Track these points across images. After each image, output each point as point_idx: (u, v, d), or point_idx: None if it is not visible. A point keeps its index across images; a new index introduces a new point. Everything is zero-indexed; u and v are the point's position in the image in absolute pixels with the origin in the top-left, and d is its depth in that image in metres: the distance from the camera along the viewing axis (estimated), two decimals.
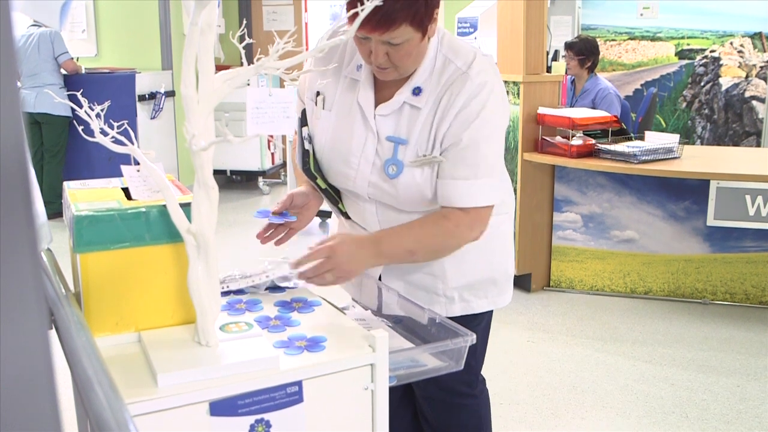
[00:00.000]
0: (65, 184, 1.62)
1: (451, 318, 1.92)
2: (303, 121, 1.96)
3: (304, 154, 1.93)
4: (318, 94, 1.93)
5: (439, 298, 1.97)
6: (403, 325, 1.77)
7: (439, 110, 1.77)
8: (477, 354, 2.11)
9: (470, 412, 2.14)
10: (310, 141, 1.93)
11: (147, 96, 6.92)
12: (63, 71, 6.54)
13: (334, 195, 1.97)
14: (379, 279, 2.00)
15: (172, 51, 7.30)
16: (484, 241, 1.93)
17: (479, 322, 2.04)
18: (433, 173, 1.80)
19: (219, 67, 1.33)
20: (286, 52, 1.36)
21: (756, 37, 7.44)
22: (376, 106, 1.84)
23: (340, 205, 1.99)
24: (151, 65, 7.28)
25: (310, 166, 1.92)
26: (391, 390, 1.59)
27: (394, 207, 1.89)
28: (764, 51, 7.43)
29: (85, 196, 1.50)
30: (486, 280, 2.00)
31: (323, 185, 1.94)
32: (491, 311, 2.08)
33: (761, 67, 7.45)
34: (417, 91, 1.80)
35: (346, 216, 2.01)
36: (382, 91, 1.85)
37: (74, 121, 6.25)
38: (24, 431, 0.50)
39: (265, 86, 7.26)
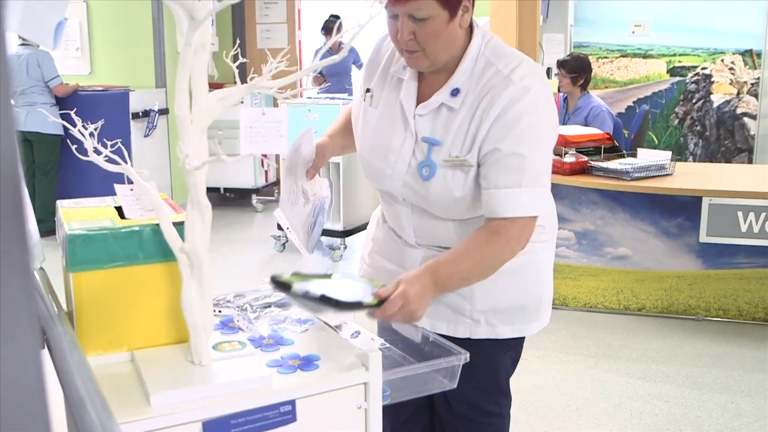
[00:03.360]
0: (58, 202, 1.62)
1: (475, 340, 1.92)
2: None
3: None
4: (368, 90, 1.95)
5: (464, 318, 1.93)
6: (396, 342, 1.77)
7: (478, 113, 1.75)
8: (507, 373, 2.09)
9: (495, 431, 2.11)
10: None
11: (140, 114, 6.92)
12: (57, 92, 6.53)
13: None
14: None
15: (166, 69, 7.31)
16: (518, 267, 1.90)
17: (509, 349, 2.02)
18: (466, 178, 1.78)
19: (212, 85, 1.34)
20: (279, 71, 1.37)
21: (747, 54, 7.49)
22: (417, 105, 1.85)
23: None
24: (145, 83, 7.29)
25: None
26: (405, 402, 1.59)
27: (428, 212, 1.88)
28: (755, 68, 7.48)
29: (78, 214, 1.50)
30: (515, 306, 1.95)
31: None
32: (523, 337, 2.03)
33: (752, 84, 7.49)
34: (455, 93, 1.79)
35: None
36: (424, 90, 1.85)
37: (67, 140, 6.25)
38: None
39: (259, 105, 7.28)
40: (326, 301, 1.49)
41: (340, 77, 7.81)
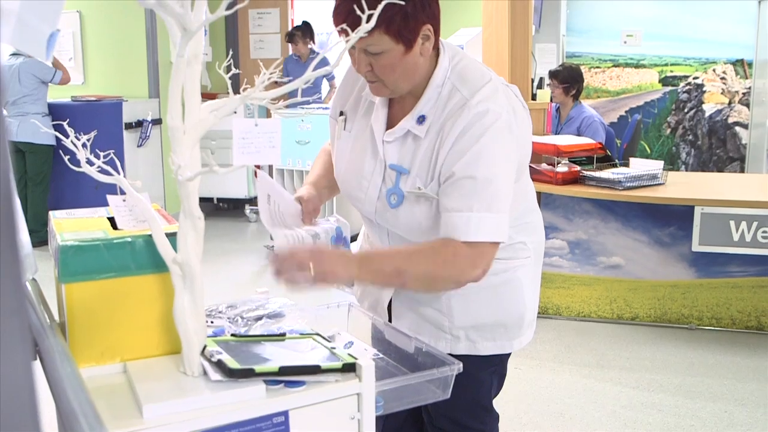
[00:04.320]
0: (51, 213, 1.62)
1: (455, 355, 1.89)
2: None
3: None
4: (341, 114, 1.93)
5: (444, 334, 1.92)
6: (390, 353, 1.77)
7: (438, 141, 1.72)
8: (490, 390, 2.06)
9: None
10: None
11: (134, 124, 6.92)
12: (62, 84, 6.56)
13: None
14: (389, 307, 1.99)
15: (159, 79, 7.31)
16: (495, 284, 1.88)
17: (491, 365, 1.99)
18: (431, 208, 1.75)
19: (206, 96, 1.34)
20: (272, 82, 1.37)
21: (738, 63, 7.53)
22: (386, 131, 1.82)
23: None
24: (138, 93, 7.29)
25: None
26: (395, 413, 1.58)
27: (402, 235, 1.86)
28: (746, 78, 7.52)
29: (70, 225, 1.50)
30: (495, 323, 1.93)
31: None
32: (506, 354, 2.01)
33: (743, 94, 7.53)
34: (421, 120, 1.76)
35: None
36: (395, 115, 1.83)
37: (60, 150, 6.23)
38: None
39: (252, 116, 7.28)
40: (220, 367, 1.34)
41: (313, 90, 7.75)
